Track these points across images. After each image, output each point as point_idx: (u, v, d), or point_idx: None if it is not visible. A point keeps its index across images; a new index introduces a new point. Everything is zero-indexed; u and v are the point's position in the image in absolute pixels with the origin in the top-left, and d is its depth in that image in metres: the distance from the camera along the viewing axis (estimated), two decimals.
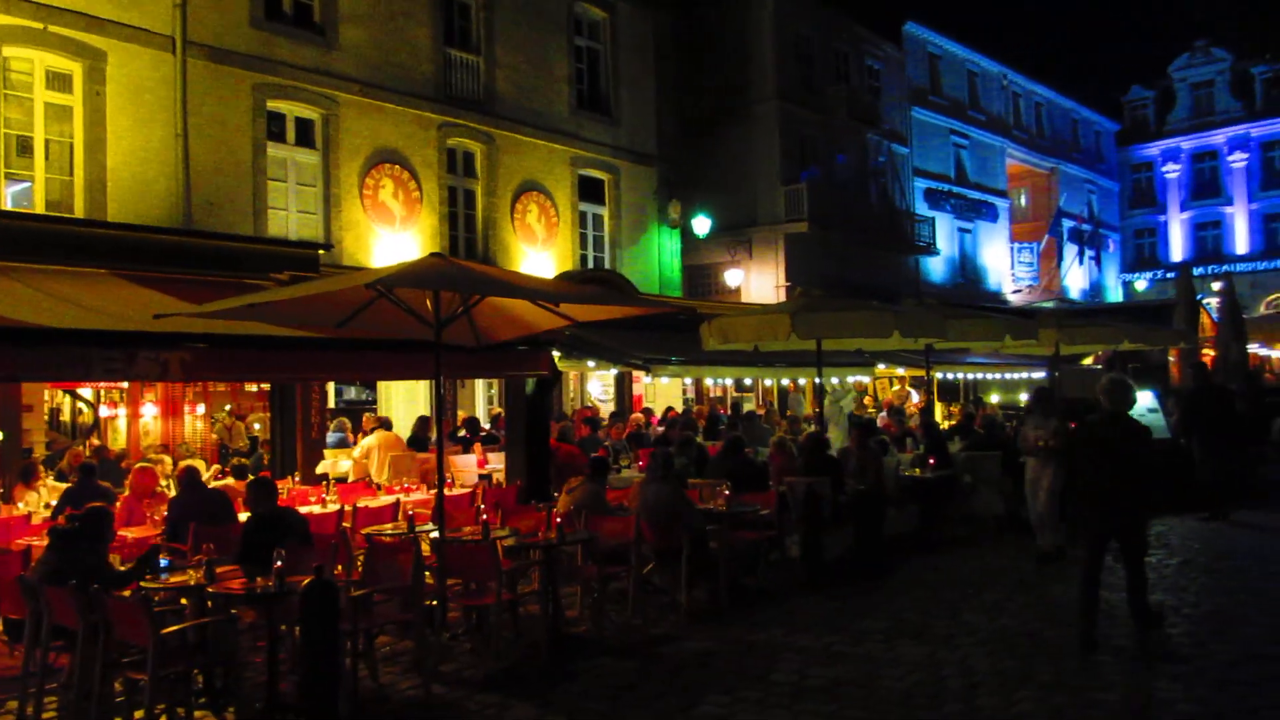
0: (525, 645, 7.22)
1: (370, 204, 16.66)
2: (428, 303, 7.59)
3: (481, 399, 19.61)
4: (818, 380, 11.54)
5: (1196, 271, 30.44)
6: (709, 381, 21.03)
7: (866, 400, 22.42)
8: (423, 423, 13.51)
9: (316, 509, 9.23)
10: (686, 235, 23.58)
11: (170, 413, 13.46)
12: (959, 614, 7.63)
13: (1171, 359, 26.39)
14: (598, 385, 20.68)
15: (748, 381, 20.87)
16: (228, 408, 14.90)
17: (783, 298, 23.52)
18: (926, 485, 10.69)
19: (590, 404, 19.02)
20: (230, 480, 10.22)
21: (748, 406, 21.30)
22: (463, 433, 14.49)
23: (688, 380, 20.01)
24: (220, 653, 5.97)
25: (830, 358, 11.37)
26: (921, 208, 31.29)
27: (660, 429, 14.92)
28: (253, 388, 14.18)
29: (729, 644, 7.05)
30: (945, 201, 32.71)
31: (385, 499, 10.09)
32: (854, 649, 6.79)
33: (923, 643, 6.84)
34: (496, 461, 12.34)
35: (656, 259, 22.33)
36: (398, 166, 17.20)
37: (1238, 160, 42.97)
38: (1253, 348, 21.78)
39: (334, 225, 16.18)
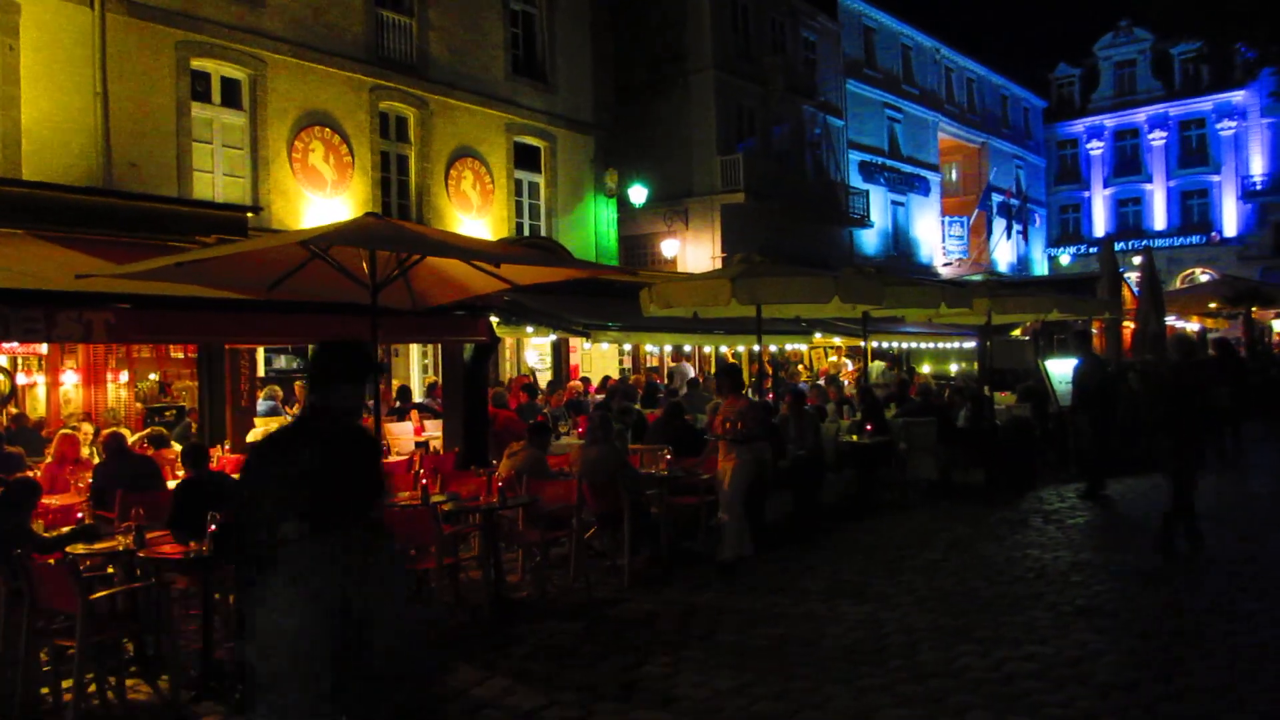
0: (467, 610, 7.16)
1: (300, 167, 16.25)
2: (364, 265, 7.42)
3: (416, 368, 19.35)
4: (756, 347, 11.60)
5: (1117, 246, 31.25)
6: (649, 350, 21.04)
7: (801, 368, 22.69)
8: None
9: None
10: (623, 205, 23.47)
11: (92, 380, 12.98)
12: (897, 574, 7.75)
13: (1095, 330, 27.22)
14: (534, 354, 20.55)
15: (687, 349, 20.89)
16: (153, 376, 14.43)
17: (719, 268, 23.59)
18: (864, 451, 10.82)
19: (527, 372, 18.89)
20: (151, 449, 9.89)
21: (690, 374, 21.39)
22: (398, 403, 14.28)
23: (626, 346, 19.95)
24: (152, 620, 5.80)
25: (768, 325, 11.41)
26: (856, 180, 31.60)
27: (599, 397, 14.89)
28: (179, 354, 13.76)
29: (672, 606, 7.07)
30: (879, 174, 33.09)
31: None
32: (796, 608, 6.86)
33: (863, 601, 6.94)
34: (433, 429, 12.18)
35: (593, 228, 22.20)
36: (328, 130, 16.79)
37: (1157, 138, 44.20)
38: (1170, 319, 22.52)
39: (262, 189, 15.74)
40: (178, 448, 8.52)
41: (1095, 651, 5.74)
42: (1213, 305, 25.88)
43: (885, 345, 21.19)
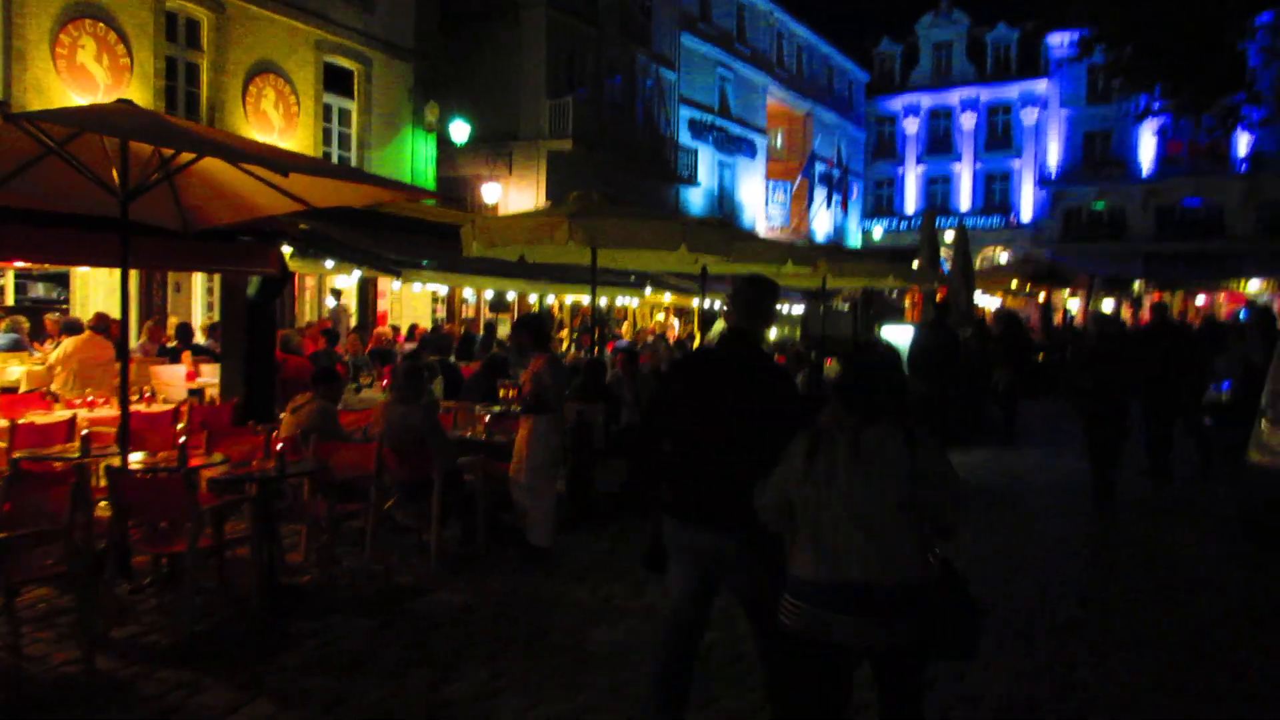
0: (233, 601, 5.77)
1: (65, 66, 13.85)
2: (114, 171, 5.85)
3: (200, 305, 17.17)
4: (586, 299, 10.53)
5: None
6: (466, 298, 19.56)
7: (625, 328, 21.82)
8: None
9: None
10: (443, 144, 21.75)
11: None
12: None
13: (908, 303, 27.76)
14: (336, 296, 18.70)
15: (510, 295, 19.51)
16: None
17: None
18: None
19: (327, 315, 17.07)
20: None
21: (502, 329, 20.06)
22: (174, 343, 12.36)
23: (442, 291, 18.36)
24: None
25: (598, 276, 10.35)
26: (685, 138, 30.91)
27: (410, 346, 13.40)
28: None
29: (489, 596, 5.93)
30: (708, 133, 32.55)
31: (62, 414, 8.10)
32: (636, 600, 5.86)
33: None
34: (211, 375, 10.45)
35: (409, 164, 20.41)
36: (102, 25, 14.39)
37: (968, 120, 45.85)
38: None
39: (16, 85, 13.32)
40: None
41: None
42: (1013, 283, 26.85)
43: (715, 305, 20.58)
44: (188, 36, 16.07)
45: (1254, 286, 36.67)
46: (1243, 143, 37.75)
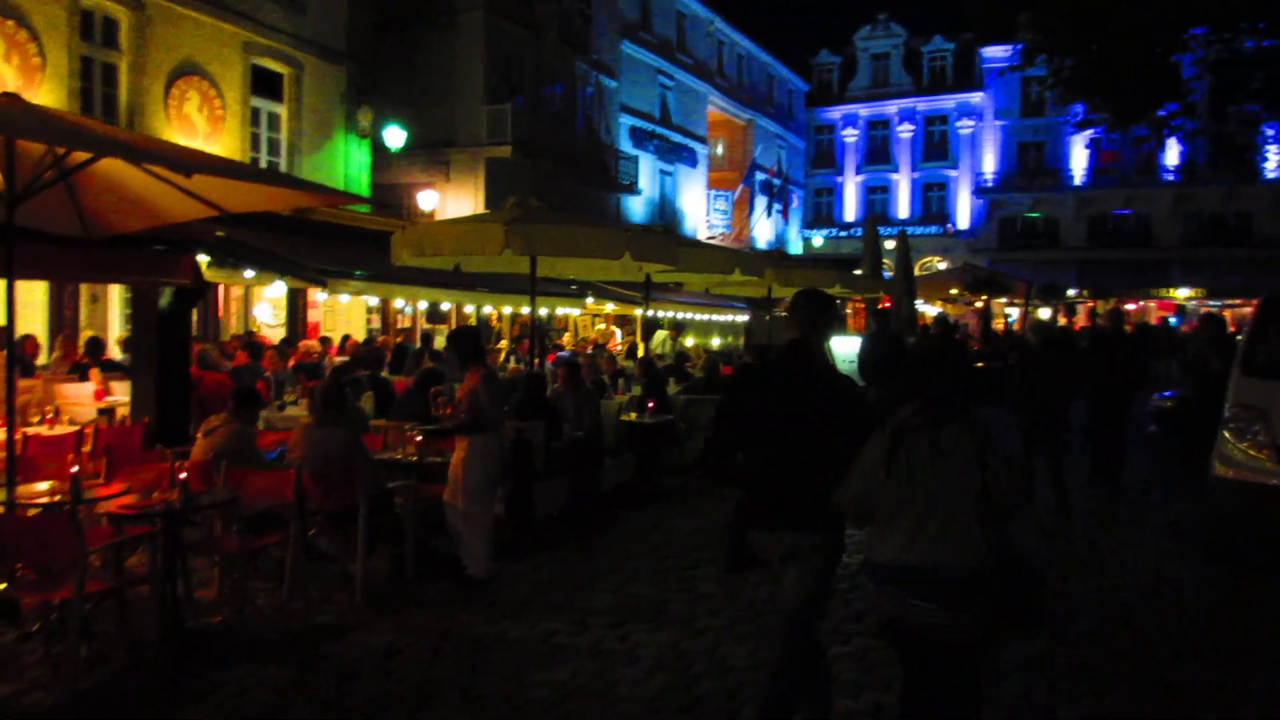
0: (133, 648, 5.20)
1: None
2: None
3: (118, 318, 16.31)
4: (525, 309, 10.06)
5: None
6: (400, 308, 18.92)
7: (566, 338, 21.35)
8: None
9: None
10: (378, 150, 21.10)
11: None
12: (694, 584, 6.49)
13: (850, 311, 27.70)
14: (267, 309, 17.94)
15: (445, 306, 18.85)
16: None
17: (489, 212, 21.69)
18: (645, 431, 9.56)
19: (256, 328, 16.33)
20: None
21: (439, 341, 19.44)
22: (87, 359, 11.60)
23: (373, 301, 17.67)
24: None
25: (539, 287, 9.90)
26: (626, 145, 30.59)
27: (340, 358, 12.76)
28: None
29: (419, 635, 5.43)
30: (649, 142, 32.27)
31: None
32: (579, 638, 5.40)
33: (660, 626, 5.59)
34: (121, 393, 9.76)
35: (342, 171, 19.73)
36: (11, 22, 13.58)
37: (905, 131, 46.28)
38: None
39: None
40: None
41: None
42: (954, 291, 26.94)
43: (658, 315, 20.22)
44: (105, 36, 15.28)
45: (1182, 293, 37.51)
46: (1172, 154, 38.58)
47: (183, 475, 5.16)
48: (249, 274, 11.25)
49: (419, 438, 6.99)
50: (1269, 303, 7.71)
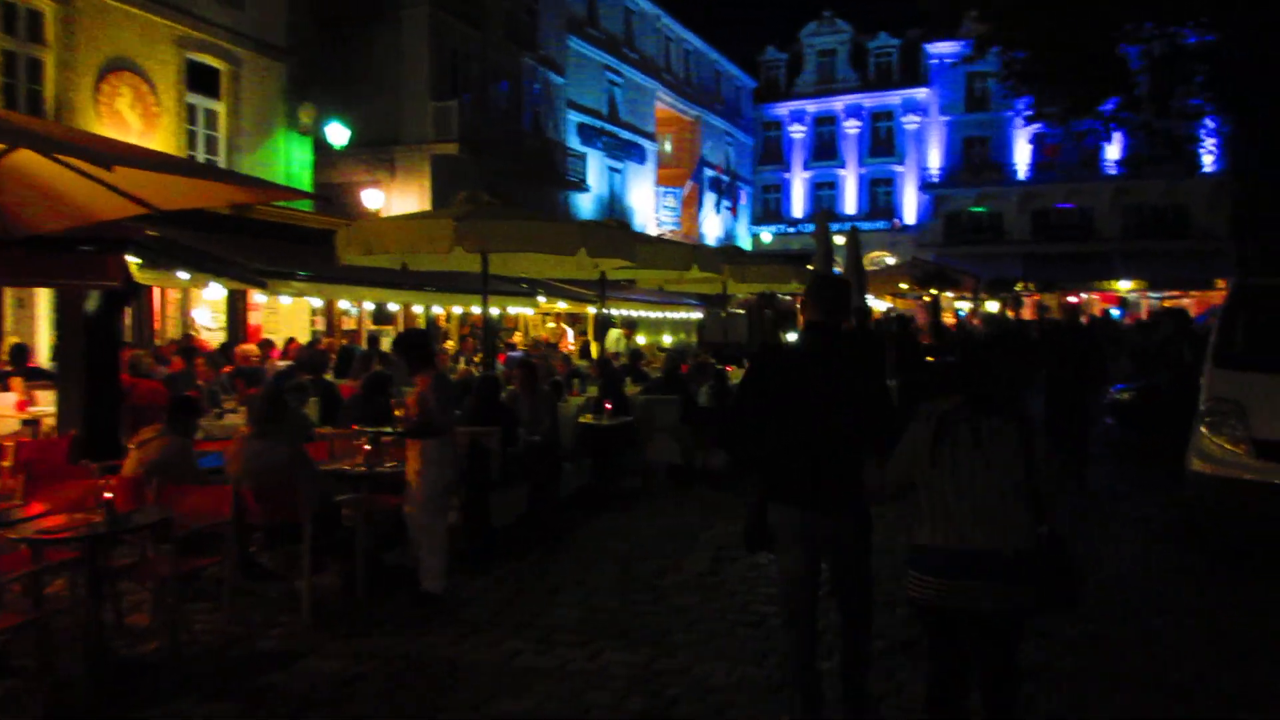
0: (56, 686, 4.75)
1: None
2: None
3: (47, 323, 15.57)
4: (476, 309, 9.69)
5: (813, 229, 32.26)
6: (345, 309, 18.35)
7: (517, 337, 20.94)
8: None
9: None
10: (321, 148, 20.49)
11: None
12: (663, 594, 6.19)
13: (799, 307, 27.65)
14: (206, 312, 17.28)
15: (392, 307, 18.30)
16: None
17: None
18: (603, 434, 9.24)
19: (195, 331, 15.68)
20: None
21: (386, 343, 18.91)
22: (10, 367, 10.97)
23: (317, 303, 17.10)
24: None
25: (490, 285, 9.53)
26: (574, 142, 30.23)
27: (283, 363, 12.24)
28: None
29: (375, 661, 5.05)
30: (598, 139, 31.93)
31: None
32: (545, 658, 5.06)
33: (630, 643, 5.27)
34: (47, 404, 9.20)
35: (283, 169, 19.09)
36: None
37: (852, 127, 46.46)
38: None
39: None
40: None
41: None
42: (903, 285, 26.99)
43: (610, 313, 19.89)
44: (29, 29, 14.56)
45: (1124, 285, 38.11)
46: (1114, 148, 39.17)
47: (107, 495, 4.73)
48: (183, 275, 10.68)
49: (368, 446, 6.61)
50: (1238, 292, 7.62)
